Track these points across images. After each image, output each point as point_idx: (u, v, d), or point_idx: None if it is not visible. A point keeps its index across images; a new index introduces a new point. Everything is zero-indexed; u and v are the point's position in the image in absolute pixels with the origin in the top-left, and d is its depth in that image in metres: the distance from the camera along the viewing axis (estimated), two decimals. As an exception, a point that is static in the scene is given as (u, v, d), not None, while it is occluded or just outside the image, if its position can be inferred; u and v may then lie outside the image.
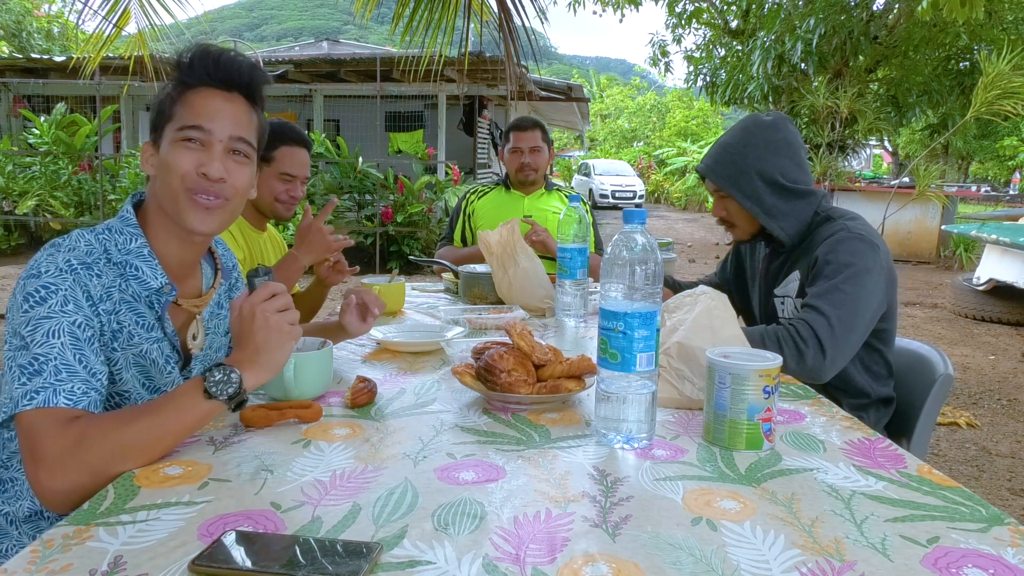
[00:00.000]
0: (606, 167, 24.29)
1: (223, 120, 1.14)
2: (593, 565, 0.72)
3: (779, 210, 1.70)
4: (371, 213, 8.73)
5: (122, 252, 1.13)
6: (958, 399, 4.31)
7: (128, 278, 1.13)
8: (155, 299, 1.16)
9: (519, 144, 2.92)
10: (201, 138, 1.13)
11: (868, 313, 1.58)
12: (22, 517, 1.12)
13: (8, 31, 18.82)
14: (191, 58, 1.14)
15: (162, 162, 1.14)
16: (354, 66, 10.17)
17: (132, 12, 4.37)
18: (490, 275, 2.08)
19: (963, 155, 24.87)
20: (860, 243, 1.60)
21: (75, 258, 1.08)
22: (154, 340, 1.16)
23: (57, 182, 9.19)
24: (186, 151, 1.12)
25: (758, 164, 1.68)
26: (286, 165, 2.04)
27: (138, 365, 1.15)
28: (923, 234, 10.61)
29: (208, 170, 1.12)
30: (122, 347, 1.12)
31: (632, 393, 1.03)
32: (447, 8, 3.88)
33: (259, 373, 1.03)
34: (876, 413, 1.71)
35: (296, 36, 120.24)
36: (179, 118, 1.13)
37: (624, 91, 41.93)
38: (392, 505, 0.84)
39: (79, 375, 1.00)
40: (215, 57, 1.14)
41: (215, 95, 1.14)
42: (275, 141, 2.01)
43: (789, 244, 1.74)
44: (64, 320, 1.02)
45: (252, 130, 1.19)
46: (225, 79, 1.15)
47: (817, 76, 9.77)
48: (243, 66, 1.17)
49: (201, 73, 1.14)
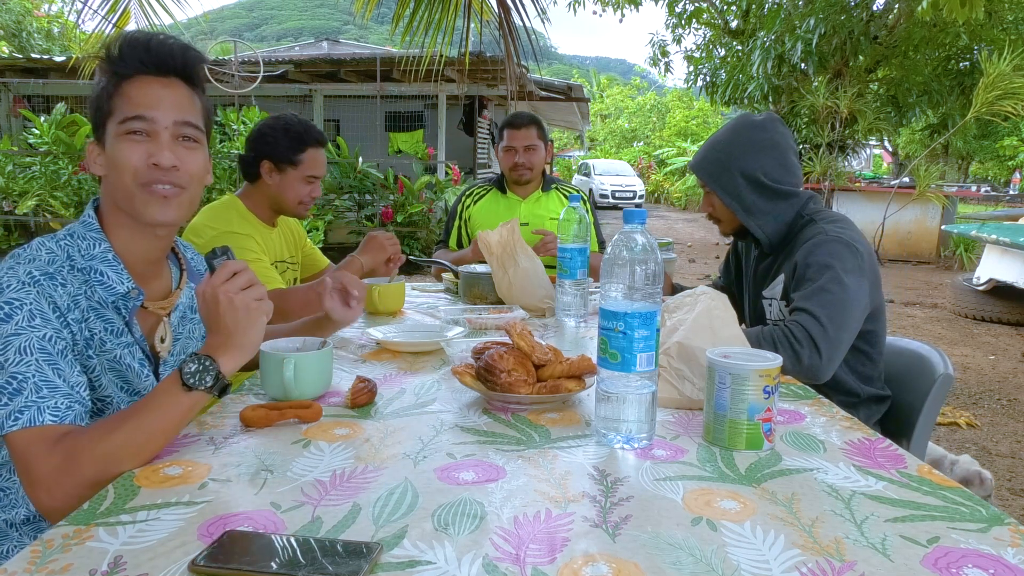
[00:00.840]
0: (606, 167, 24.30)
1: (165, 107, 1.10)
2: (593, 565, 0.72)
3: (758, 208, 1.74)
4: (371, 213, 8.73)
5: (86, 258, 1.11)
6: (958, 399, 4.31)
7: (93, 284, 1.11)
8: (122, 304, 1.13)
9: (513, 142, 2.79)
10: (146, 128, 1.09)
11: (856, 312, 1.60)
12: (20, 521, 1.11)
13: (8, 31, 18.82)
14: (120, 47, 1.10)
15: (110, 160, 1.11)
16: (354, 66, 10.17)
17: (132, 12, 4.38)
18: (490, 275, 2.08)
19: (963, 155, 24.85)
20: (838, 245, 1.62)
21: (36, 269, 1.05)
22: (124, 345, 1.14)
23: (57, 182, 9.18)
24: (132, 144, 1.09)
25: (740, 162, 1.72)
26: (312, 167, 2.05)
27: (114, 371, 1.13)
28: (923, 234, 10.61)
29: (159, 159, 1.09)
30: (96, 354, 1.10)
31: (632, 393, 1.03)
32: (447, 8, 3.88)
33: (235, 355, 1.01)
34: (867, 410, 1.73)
35: (296, 36, 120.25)
36: (119, 111, 1.09)
37: (624, 91, 41.94)
38: (392, 505, 0.84)
39: (60, 390, 0.98)
40: (145, 43, 1.10)
41: (152, 82, 1.10)
42: (302, 144, 2.02)
43: (767, 243, 1.78)
44: (33, 335, 0.99)
45: (197, 112, 1.15)
46: (159, 64, 1.11)
47: (817, 76, 9.76)
48: (175, 48, 1.12)
49: (133, 61, 1.10)
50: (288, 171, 2.02)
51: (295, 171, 2.02)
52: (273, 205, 2.08)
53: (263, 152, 2.03)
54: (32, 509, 1.10)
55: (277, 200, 2.06)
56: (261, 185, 2.06)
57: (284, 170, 2.01)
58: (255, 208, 2.08)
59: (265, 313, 1.03)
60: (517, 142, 2.79)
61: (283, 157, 2.01)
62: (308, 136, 2.03)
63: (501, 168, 2.91)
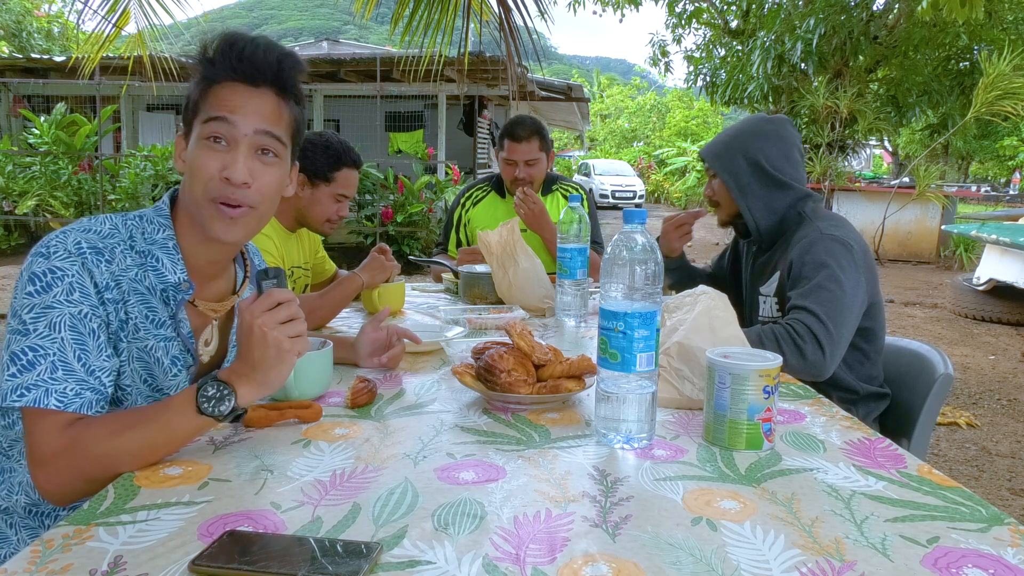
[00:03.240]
0: (606, 167, 24.30)
1: (248, 113, 1.05)
2: (593, 565, 0.72)
3: (752, 191, 1.78)
4: (371, 213, 8.73)
5: (147, 241, 1.09)
6: (958, 399, 4.31)
7: (148, 268, 1.08)
8: (171, 295, 1.10)
9: (513, 156, 2.62)
10: (226, 133, 1.05)
11: (855, 308, 1.61)
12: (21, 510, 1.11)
13: (8, 31, 18.82)
14: (214, 53, 1.07)
15: (189, 163, 1.08)
16: (354, 66, 10.17)
17: (131, 12, 4.37)
18: (490, 275, 2.08)
19: (963, 155, 24.86)
20: (832, 243, 1.65)
21: (86, 241, 1.03)
22: (162, 338, 1.11)
23: (57, 182, 9.19)
24: (210, 152, 1.05)
25: (744, 146, 1.79)
26: (344, 186, 2.05)
27: (141, 360, 1.10)
28: (923, 234, 10.61)
29: (231, 174, 1.04)
30: (128, 339, 1.07)
31: (632, 393, 1.03)
32: (447, 9, 3.87)
33: (256, 389, 0.98)
34: (865, 407, 1.73)
35: (296, 36, 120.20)
36: (204, 111, 1.06)
37: (624, 91, 41.93)
38: (392, 505, 0.84)
39: (75, 375, 0.97)
40: (239, 51, 1.06)
41: (241, 88, 1.06)
42: (337, 163, 2.04)
43: (755, 231, 1.81)
44: (67, 311, 0.98)
45: (282, 125, 1.10)
46: (251, 74, 1.07)
47: (817, 76, 9.76)
48: (270, 57, 1.08)
49: (225, 68, 1.06)
50: (320, 186, 2.03)
51: (327, 187, 2.03)
52: (299, 216, 2.08)
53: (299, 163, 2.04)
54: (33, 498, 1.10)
55: (304, 213, 2.06)
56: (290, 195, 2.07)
57: (317, 185, 2.03)
58: (279, 213, 2.08)
59: (296, 354, 0.99)
60: (518, 156, 2.63)
61: (318, 172, 2.02)
62: (346, 156, 2.05)
63: (501, 175, 2.79)
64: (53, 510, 1.11)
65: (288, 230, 2.12)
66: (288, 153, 1.14)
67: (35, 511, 1.11)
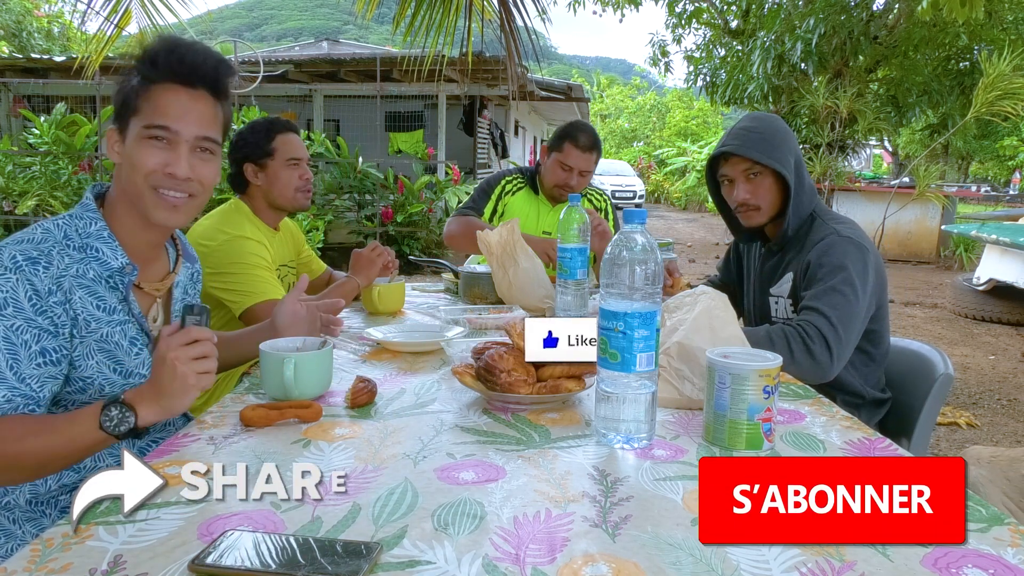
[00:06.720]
0: (606, 167, 24.22)
1: (189, 121, 1.16)
2: (593, 565, 0.72)
3: (798, 192, 1.72)
4: (371, 213, 8.72)
5: (83, 236, 1.16)
6: (958, 399, 4.31)
7: (89, 260, 1.15)
8: (118, 280, 1.17)
9: (571, 163, 2.51)
10: (168, 137, 1.15)
11: (863, 313, 1.61)
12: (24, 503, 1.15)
13: (8, 31, 18.81)
14: (156, 54, 1.15)
15: (128, 155, 1.16)
16: (354, 66, 10.17)
17: (133, 12, 4.37)
18: (490, 275, 2.08)
19: (963, 155, 24.85)
20: (850, 246, 1.64)
21: (21, 253, 1.08)
22: (117, 323, 1.18)
23: (57, 182, 9.17)
24: (152, 148, 1.14)
25: (792, 144, 1.73)
26: (289, 151, 2.07)
27: (103, 351, 1.16)
28: (923, 234, 10.61)
29: (175, 170, 1.15)
30: (80, 335, 1.13)
31: (632, 393, 1.03)
32: (448, 9, 3.87)
33: (157, 412, 1.03)
34: (868, 412, 1.73)
35: (296, 36, 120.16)
36: (144, 115, 1.14)
37: (624, 91, 41.93)
38: (392, 505, 0.84)
39: (6, 382, 1.04)
40: (180, 55, 1.15)
41: (180, 93, 1.15)
42: (269, 133, 2.07)
43: (782, 236, 1.75)
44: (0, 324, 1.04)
45: (217, 126, 1.21)
46: (190, 76, 1.16)
47: (817, 76, 9.75)
48: (208, 62, 1.17)
49: (166, 71, 1.15)
50: (268, 163, 2.06)
51: (274, 161, 2.05)
52: (272, 204, 2.09)
53: (241, 156, 2.08)
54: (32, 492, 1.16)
55: (272, 197, 2.07)
56: (253, 190, 2.09)
57: (265, 164, 2.06)
58: (259, 213, 2.09)
59: (200, 389, 1.04)
60: (577, 164, 2.52)
61: (258, 151, 2.05)
62: (275, 124, 2.08)
63: (545, 175, 2.65)
64: (54, 498, 1.16)
65: (273, 229, 2.13)
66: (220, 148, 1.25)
67: (35, 502, 1.15)
